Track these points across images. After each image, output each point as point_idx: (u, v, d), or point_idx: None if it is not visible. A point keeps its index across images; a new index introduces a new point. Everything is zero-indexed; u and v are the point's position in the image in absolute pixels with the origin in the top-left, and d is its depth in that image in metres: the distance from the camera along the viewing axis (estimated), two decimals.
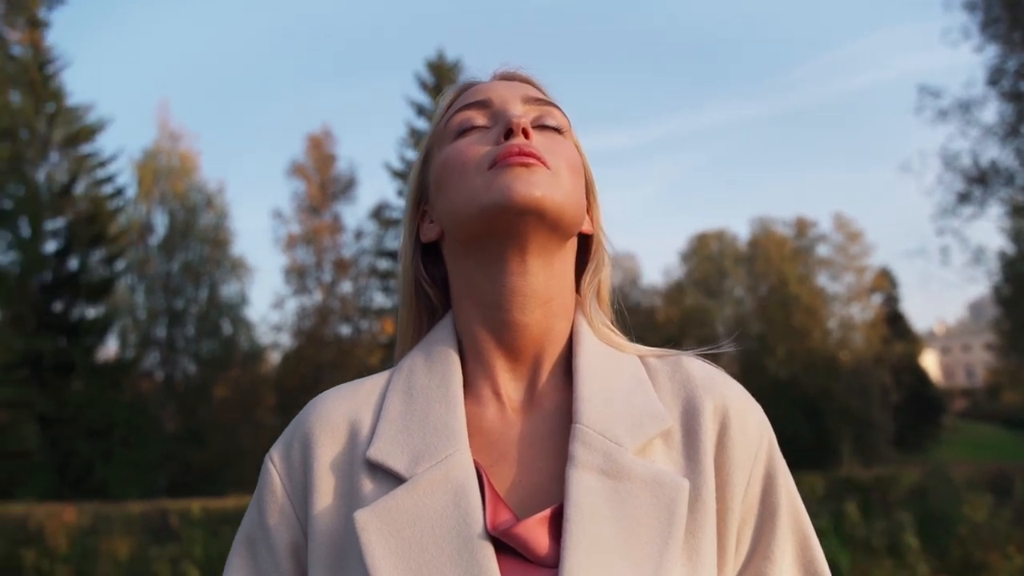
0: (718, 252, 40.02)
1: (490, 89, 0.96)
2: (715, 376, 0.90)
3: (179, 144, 30.76)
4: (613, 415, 0.84)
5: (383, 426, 0.87)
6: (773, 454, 0.89)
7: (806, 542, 0.88)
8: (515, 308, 0.88)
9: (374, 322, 28.69)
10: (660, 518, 0.77)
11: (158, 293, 29.85)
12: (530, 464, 0.84)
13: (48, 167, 23.42)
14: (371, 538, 0.78)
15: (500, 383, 0.90)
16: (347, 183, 29.05)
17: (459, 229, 0.89)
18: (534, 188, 0.84)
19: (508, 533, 0.77)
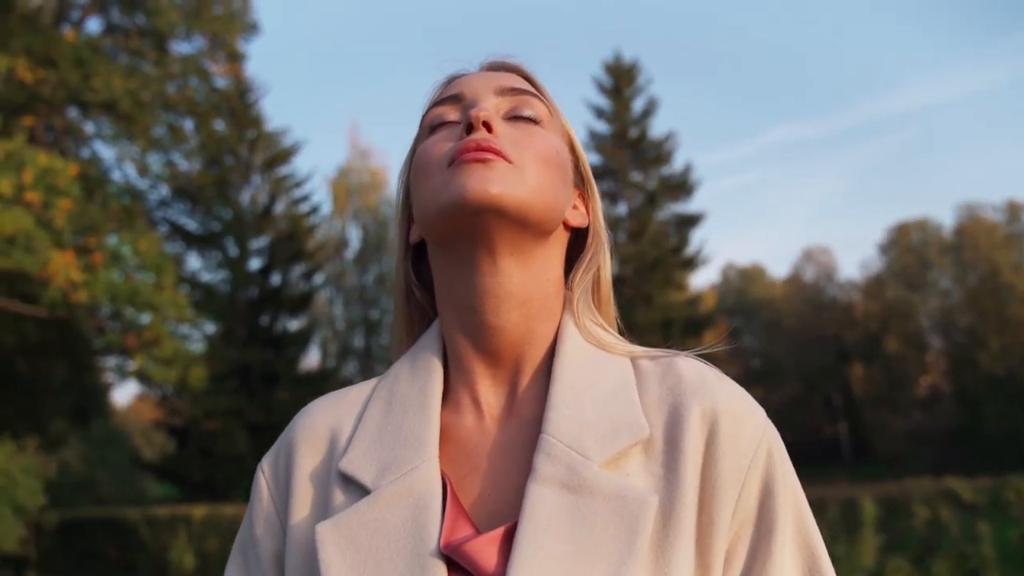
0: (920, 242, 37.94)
1: (464, 83, 0.91)
2: (708, 379, 0.82)
3: (369, 161, 32.15)
4: (584, 425, 0.78)
5: (358, 436, 0.84)
6: (772, 464, 0.80)
7: (814, 561, 0.80)
8: (489, 311, 0.83)
9: None
10: (620, 536, 0.71)
11: (354, 304, 31.26)
12: (501, 476, 0.80)
13: (251, 190, 24.95)
14: (329, 551, 0.75)
15: (479, 390, 0.85)
16: None
17: (426, 231, 0.85)
18: (489, 185, 0.79)
19: (458, 551, 0.73)
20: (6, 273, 12.98)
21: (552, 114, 0.92)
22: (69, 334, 16.94)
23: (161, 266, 13.83)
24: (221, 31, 17.89)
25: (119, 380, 20.91)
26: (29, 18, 15.83)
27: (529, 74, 0.95)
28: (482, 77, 0.92)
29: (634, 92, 25.74)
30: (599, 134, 25.89)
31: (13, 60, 13.48)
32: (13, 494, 13.15)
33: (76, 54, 14.71)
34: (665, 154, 25.64)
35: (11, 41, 14.38)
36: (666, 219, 25.68)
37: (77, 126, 17.56)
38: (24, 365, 18.06)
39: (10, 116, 13.82)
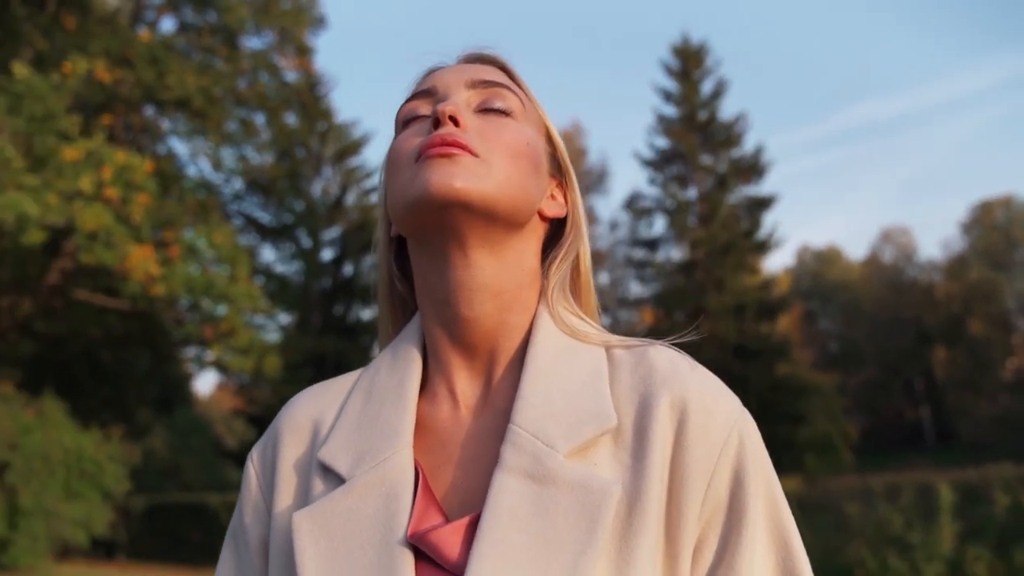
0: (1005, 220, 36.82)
1: (437, 76, 0.92)
2: (680, 368, 0.82)
3: None
4: (552, 415, 0.79)
5: (338, 426, 0.86)
6: (744, 453, 0.79)
7: (788, 551, 0.79)
8: (462, 303, 0.84)
9: (632, 312, 28.74)
10: (581, 525, 0.72)
11: None
12: (473, 465, 0.81)
13: (322, 181, 25.34)
14: (304, 538, 0.77)
15: (456, 381, 0.86)
16: (599, 175, 29.35)
17: (398, 226, 0.86)
18: (453, 179, 0.79)
19: (424, 539, 0.75)
20: (89, 268, 13.44)
21: (526, 105, 0.91)
22: (151, 326, 17.44)
23: (235, 258, 14.14)
24: (289, 26, 18.15)
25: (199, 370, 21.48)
26: (107, 20, 16.31)
27: (506, 65, 0.96)
28: (454, 71, 0.92)
29: (703, 74, 25.43)
30: (667, 118, 25.66)
31: (92, 62, 13.89)
32: (101, 480, 13.66)
33: (151, 53, 15.10)
34: (735, 136, 25.29)
35: (90, 44, 14.84)
36: (737, 202, 25.34)
37: (154, 123, 18.05)
38: (109, 357, 18.68)
39: (90, 116, 14.28)
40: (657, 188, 26.36)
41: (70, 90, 12.99)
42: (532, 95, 0.94)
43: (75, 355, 18.16)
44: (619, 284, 29.14)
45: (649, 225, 27.45)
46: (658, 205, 26.49)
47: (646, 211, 27.12)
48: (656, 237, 26.83)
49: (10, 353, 17.36)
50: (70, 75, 13.15)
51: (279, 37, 19.10)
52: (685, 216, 25.45)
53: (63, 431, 13.16)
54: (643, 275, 27.60)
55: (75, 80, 13.16)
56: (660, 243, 26.72)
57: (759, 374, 23.05)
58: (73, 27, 15.37)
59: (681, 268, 25.66)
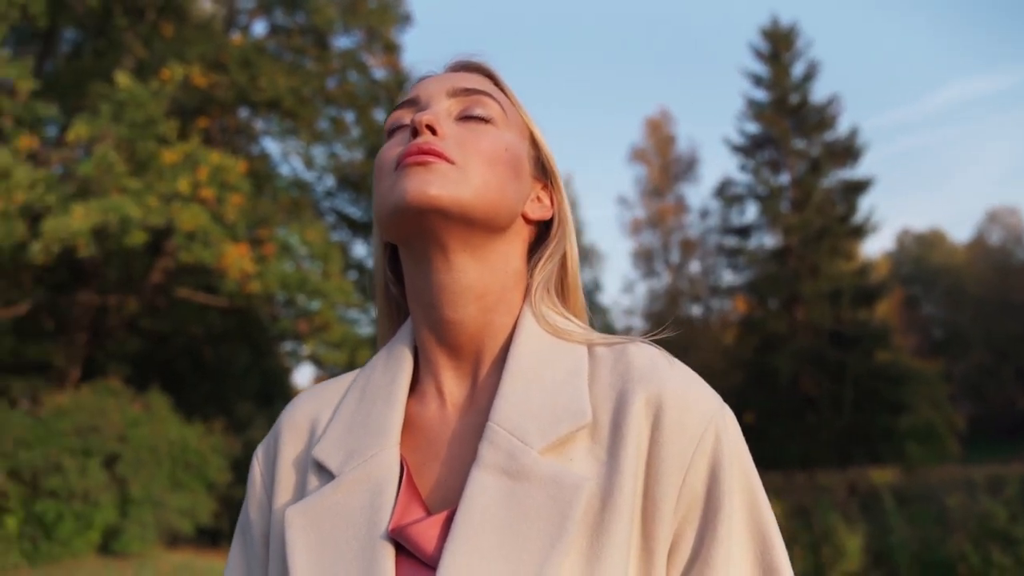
0: None
1: (421, 86, 0.94)
2: (658, 364, 0.83)
3: None
4: (528, 412, 0.81)
5: (332, 425, 0.89)
6: (720, 449, 0.80)
7: (766, 544, 0.81)
8: (446, 305, 0.87)
9: (725, 300, 28.38)
10: (552, 519, 0.74)
11: None
12: (456, 462, 0.84)
13: None
14: (295, 533, 0.81)
15: (443, 381, 0.89)
16: (689, 163, 29.03)
17: (383, 233, 0.90)
18: (428, 187, 0.82)
19: (403, 533, 0.78)
20: (189, 267, 13.94)
21: (507, 112, 0.93)
22: (249, 322, 17.98)
23: (328, 254, 14.46)
24: (376, 24, 18.44)
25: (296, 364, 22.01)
26: (202, 26, 16.85)
27: (491, 72, 0.98)
28: (438, 80, 0.95)
29: (793, 56, 24.92)
30: (758, 102, 25.24)
31: (188, 68, 14.37)
32: (205, 471, 14.16)
33: (244, 57, 15.54)
34: (829, 119, 24.72)
35: (186, 50, 15.35)
36: (832, 186, 24.77)
37: (247, 125, 18.58)
38: (211, 353, 19.32)
39: (187, 119, 14.78)
40: (748, 174, 26.00)
41: (168, 96, 13.47)
42: (517, 101, 0.97)
43: (179, 352, 18.84)
44: (710, 272, 28.81)
45: (741, 212, 27.08)
46: (749, 191, 26.10)
47: (737, 198, 26.75)
48: (748, 224, 26.45)
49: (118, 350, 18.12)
50: (168, 81, 13.63)
51: (367, 36, 19.44)
52: (778, 202, 25.01)
53: (168, 424, 13.68)
54: (735, 263, 27.23)
55: (172, 86, 13.64)
56: (752, 230, 26.33)
57: (857, 361, 22.51)
58: (171, 34, 15.91)
59: (774, 255, 25.24)
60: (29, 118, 13.43)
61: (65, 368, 16.68)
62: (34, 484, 12.77)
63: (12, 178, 11.44)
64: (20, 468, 12.69)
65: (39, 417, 13.35)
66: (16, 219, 11.69)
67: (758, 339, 24.89)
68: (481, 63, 0.99)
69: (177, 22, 16.24)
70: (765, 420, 23.28)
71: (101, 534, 13.18)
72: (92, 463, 12.70)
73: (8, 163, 11.51)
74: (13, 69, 12.35)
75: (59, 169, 14.26)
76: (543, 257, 0.93)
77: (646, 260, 29.56)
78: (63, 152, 14.32)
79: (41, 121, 14.15)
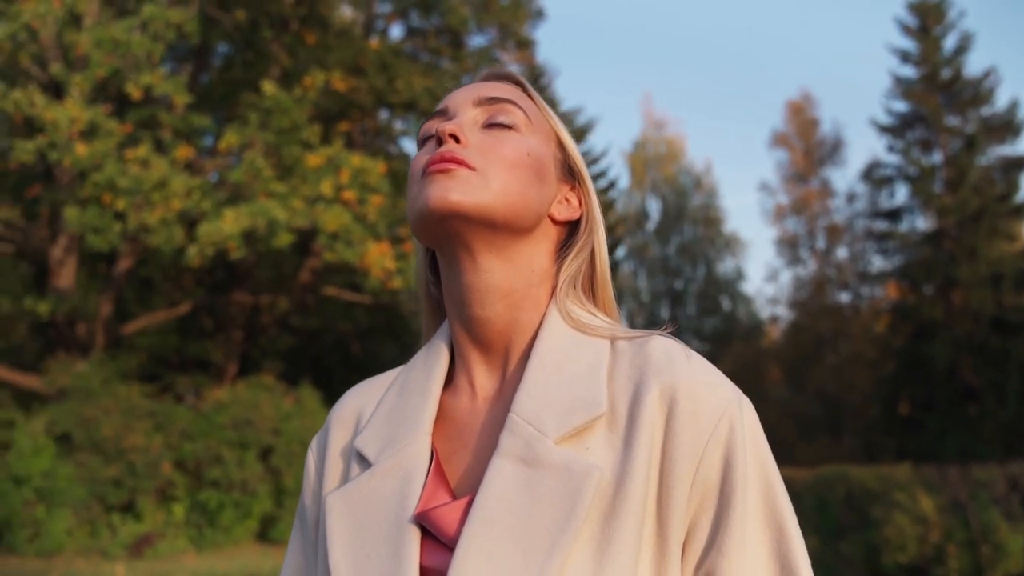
0: None
1: (451, 97, 0.99)
2: (674, 357, 0.86)
3: (665, 131, 32.09)
4: (546, 403, 0.85)
5: (373, 417, 0.95)
6: (734, 438, 0.82)
7: (782, 534, 0.82)
8: (475, 304, 0.92)
9: (875, 287, 27.32)
10: (563, 505, 0.78)
11: (658, 275, 31.43)
12: (483, 451, 0.88)
13: None
14: (334, 518, 0.88)
15: (475, 375, 0.94)
16: (833, 146, 28.07)
17: (415, 237, 0.95)
18: (449, 193, 0.86)
19: (427, 516, 0.83)
20: (334, 266, 14.48)
21: (532, 118, 0.97)
22: (394, 318, 18.51)
23: None
24: (509, 21, 18.65)
25: None
26: (343, 33, 17.43)
27: (520, 80, 1.03)
28: (466, 90, 0.99)
29: (944, 29, 23.72)
30: (906, 79, 24.13)
31: (329, 74, 14.93)
32: None
33: (381, 60, 16.01)
34: (985, 93, 23.40)
35: (327, 57, 15.93)
36: (989, 164, 23.45)
37: (386, 126, 19.12)
38: (358, 348, 20.01)
39: (329, 124, 15.34)
40: (897, 155, 24.87)
41: (311, 102, 14.03)
42: (544, 107, 1.00)
43: (328, 347, 19.59)
44: (859, 258, 27.72)
45: (890, 195, 25.93)
46: (899, 173, 24.98)
47: (886, 180, 25.64)
48: (898, 207, 25.32)
49: (271, 347, 19.00)
50: (310, 88, 14.20)
51: (500, 33, 19.70)
52: (930, 183, 23.87)
53: (319, 418, 14.24)
54: (885, 248, 26.12)
55: (315, 92, 14.20)
56: (903, 213, 25.20)
57: (1022, 349, 21.29)
58: (313, 42, 16.52)
59: (927, 238, 24.09)
60: (186, 130, 14.26)
61: (223, 364, 17.63)
62: (198, 474, 13.57)
63: (169, 187, 12.17)
64: (185, 459, 13.51)
65: (200, 411, 14.15)
66: (174, 225, 12.43)
67: (912, 327, 23.82)
68: (510, 72, 1.03)
69: (319, 30, 16.85)
70: (920, 411, 22.28)
71: (259, 522, 13.88)
72: (248, 455, 13.39)
73: (166, 173, 12.25)
74: (169, 85, 13.11)
75: (214, 177, 15.07)
76: (569, 256, 0.96)
77: (790, 247, 28.77)
78: (216, 160, 15.13)
79: (196, 132, 14.99)
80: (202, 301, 17.90)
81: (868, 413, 26.03)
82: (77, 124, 12.07)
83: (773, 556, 0.82)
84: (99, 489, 13.43)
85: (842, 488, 11.34)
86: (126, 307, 17.28)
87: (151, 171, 12.21)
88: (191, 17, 13.74)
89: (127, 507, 13.78)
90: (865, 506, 10.88)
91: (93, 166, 12.26)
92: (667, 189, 31.56)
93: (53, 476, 13.60)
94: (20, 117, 12.50)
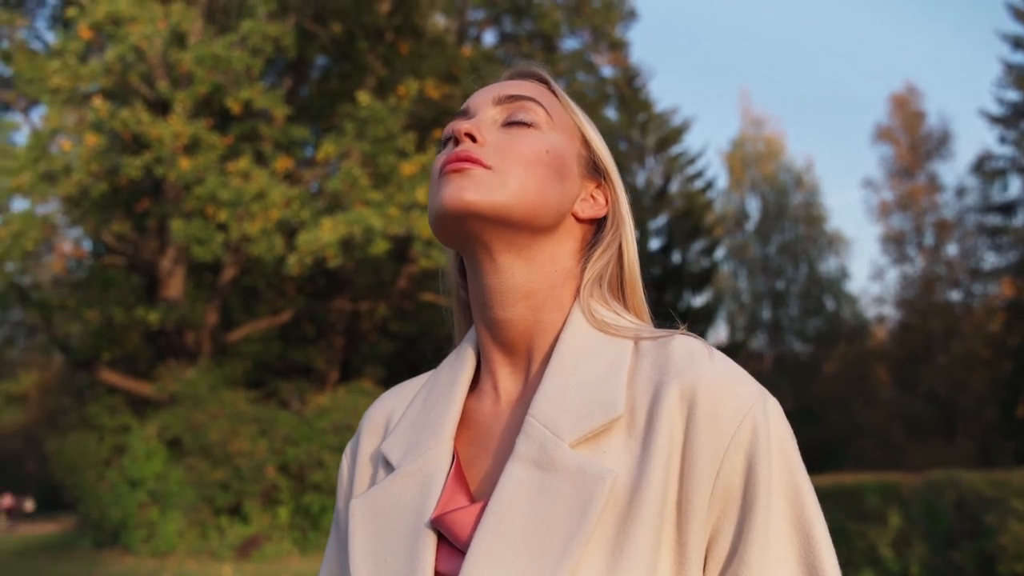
0: None
1: (472, 97, 0.97)
2: (696, 357, 0.82)
3: (763, 129, 31.49)
4: (564, 406, 0.82)
5: (401, 422, 0.94)
6: (758, 442, 0.78)
7: (810, 543, 0.77)
8: (496, 305, 0.90)
9: (989, 284, 26.27)
10: (575, 510, 0.75)
11: (759, 276, 30.84)
12: (502, 455, 0.86)
13: (646, 172, 25.65)
14: (356, 522, 0.87)
15: (499, 378, 0.92)
16: (940, 139, 27.14)
17: (436, 238, 0.93)
18: (464, 192, 0.85)
19: (442, 521, 0.81)
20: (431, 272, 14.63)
21: (553, 115, 0.95)
22: None
23: None
24: (601, 23, 18.62)
25: None
26: (437, 41, 17.64)
27: (544, 76, 1.00)
28: (488, 89, 0.97)
29: None
30: (1018, 66, 23.16)
31: (423, 82, 15.11)
32: None
33: (474, 66, 16.13)
34: None
35: (421, 65, 16.14)
36: None
37: None
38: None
39: (424, 131, 15.52)
40: (1010, 146, 23.89)
41: (405, 110, 14.22)
42: (569, 104, 0.98)
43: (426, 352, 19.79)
44: (970, 255, 26.71)
45: (1003, 188, 24.94)
46: (1013, 165, 24.00)
47: (998, 172, 24.65)
48: (1012, 200, 24.32)
49: (372, 352, 19.32)
50: (404, 96, 14.40)
51: (592, 35, 19.68)
52: None
53: None
54: (998, 243, 25.12)
55: (409, 100, 14.39)
56: (1017, 207, 24.18)
57: None
58: (407, 51, 16.77)
59: None
60: (285, 141, 14.63)
61: (325, 370, 18.01)
62: (301, 478, 13.89)
63: (269, 197, 12.49)
64: (288, 463, 13.84)
65: (303, 416, 14.48)
66: (274, 234, 12.76)
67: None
68: (534, 70, 1.01)
69: (413, 39, 17.09)
70: None
71: None
72: None
73: (266, 184, 12.59)
74: (268, 99, 13.47)
75: (313, 186, 15.42)
76: (594, 255, 0.94)
77: (897, 244, 27.89)
78: (315, 170, 15.47)
79: (296, 143, 15.36)
80: (304, 309, 18.33)
81: (983, 415, 25.06)
82: (180, 139, 12.52)
83: (800, 565, 0.77)
84: (207, 492, 13.88)
85: (952, 494, 10.91)
86: (231, 315, 17.81)
87: (251, 183, 12.56)
88: (288, 31, 14.10)
89: (234, 510, 14.20)
90: (978, 513, 10.44)
91: (195, 179, 12.69)
92: (767, 188, 30.98)
93: (165, 479, 14.11)
94: (128, 134, 13.01)
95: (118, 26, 12.61)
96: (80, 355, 16.27)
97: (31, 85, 13.04)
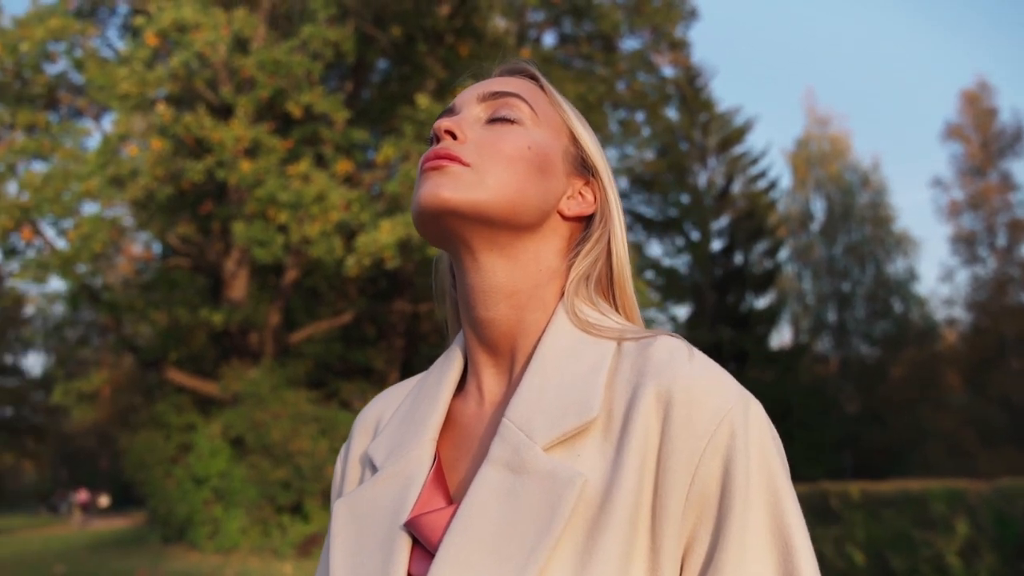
0: None
1: (459, 95, 0.96)
2: (676, 358, 0.79)
3: (828, 128, 30.96)
4: (539, 408, 0.81)
5: (388, 424, 0.94)
6: (735, 446, 0.75)
7: (789, 551, 0.74)
8: (479, 304, 0.89)
9: None
10: (543, 513, 0.74)
11: (824, 278, 30.32)
12: (482, 458, 0.84)
13: (707, 172, 25.41)
14: (337, 524, 0.87)
15: (483, 379, 0.91)
16: (1013, 136, 26.38)
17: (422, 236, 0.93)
18: (440, 190, 0.84)
19: (416, 523, 0.81)
20: None
21: (539, 112, 0.93)
22: None
23: None
24: (662, 23, 18.46)
25: None
26: (496, 43, 17.68)
27: (532, 72, 0.98)
28: (474, 87, 0.96)
29: None
30: None
31: None
32: None
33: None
34: None
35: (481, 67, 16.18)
36: None
37: None
38: None
39: None
40: None
41: None
42: (557, 100, 0.96)
43: None
44: None
45: None
46: None
47: None
48: None
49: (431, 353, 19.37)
50: None
51: (653, 35, 19.52)
52: None
53: None
54: None
55: None
56: None
57: None
58: (467, 54, 16.83)
59: None
60: (346, 144, 14.79)
61: (385, 371, 18.17)
62: None
63: (328, 200, 12.65)
64: None
65: None
66: (334, 236, 12.91)
67: None
68: (522, 66, 1.00)
69: (474, 41, 17.14)
70: None
71: None
72: None
73: (325, 186, 12.75)
74: (328, 102, 13.64)
75: (374, 189, 15.57)
76: (580, 253, 0.92)
77: (967, 245, 27.20)
78: (375, 172, 15.62)
79: (356, 146, 15.52)
80: (365, 310, 18.50)
81: None
82: (242, 143, 12.74)
83: (779, 573, 0.74)
84: (269, 490, 14.10)
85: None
86: (293, 316, 18.06)
87: (311, 185, 12.73)
88: (348, 35, 14.25)
89: (295, 508, 14.39)
90: None
91: (256, 182, 12.90)
92: (832, 188, 30.43)
93: (229, 477, 14.38)
94: (191, 139, 13.28)
95: (183, 33, 12.88)
96: (148, 355, 16.65)
97: (102, 92, 13.36)
